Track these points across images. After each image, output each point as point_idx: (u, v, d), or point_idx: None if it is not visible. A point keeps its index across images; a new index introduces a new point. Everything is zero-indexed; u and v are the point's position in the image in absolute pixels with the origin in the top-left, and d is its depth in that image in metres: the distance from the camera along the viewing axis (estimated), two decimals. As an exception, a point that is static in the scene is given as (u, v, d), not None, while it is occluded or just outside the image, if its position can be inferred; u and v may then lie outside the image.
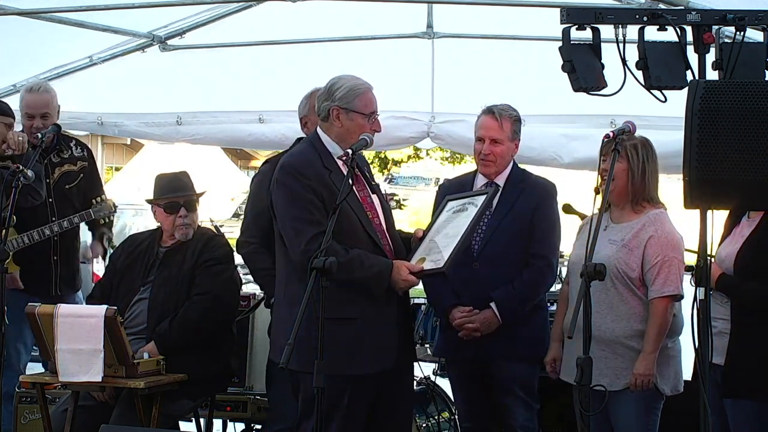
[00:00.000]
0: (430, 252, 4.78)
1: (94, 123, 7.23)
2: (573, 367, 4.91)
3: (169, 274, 5.59)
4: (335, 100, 4.72)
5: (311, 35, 6.89)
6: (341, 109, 4.72)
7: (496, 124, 5.27)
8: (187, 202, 5.68)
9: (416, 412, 5.99)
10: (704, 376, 4.03)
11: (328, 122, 4.75)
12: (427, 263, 4.73)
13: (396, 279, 4.67)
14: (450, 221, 4.89)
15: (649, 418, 4.88)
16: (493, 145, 5.28)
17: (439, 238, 4.82)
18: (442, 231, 4.85)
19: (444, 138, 6.80)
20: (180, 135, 7.26)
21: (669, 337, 4.88)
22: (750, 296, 4.71)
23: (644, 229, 4.86)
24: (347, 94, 4.73)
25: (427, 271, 4.72)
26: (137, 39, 6.99)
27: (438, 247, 4.77)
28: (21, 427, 6.02)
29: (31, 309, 5.25)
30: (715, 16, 4.20)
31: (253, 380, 6.13)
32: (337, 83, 4.74)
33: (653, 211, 4.92)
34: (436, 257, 4.73)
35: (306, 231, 4.58)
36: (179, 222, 5.64)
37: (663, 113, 4.87)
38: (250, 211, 5.58)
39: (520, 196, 5.31)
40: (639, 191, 4.89)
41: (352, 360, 4.63)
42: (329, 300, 4.22)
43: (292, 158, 4.77)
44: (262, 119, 7.05)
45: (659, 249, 4.82)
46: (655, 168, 4.93)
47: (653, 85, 4.24)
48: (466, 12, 6.57)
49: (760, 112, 3.85)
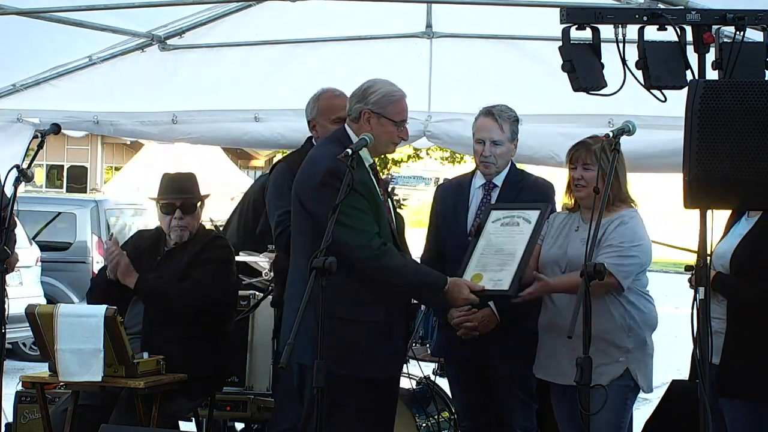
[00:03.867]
0: (485, 269, 4.74)
1: (90, 122, 7.22)
2: (549, 365, 4.95)
3: (168, 273, 5.60)
4: (369, 103, 4.74)
5: (310, 35, 6.88)
6: (373, 113, 4.74)
7: (497, 126, 5.29)
8: (184, 204, 5.67)
9: (416, 412, 5.99)
10: (704, 376, 4.02)
11: (358, 123, 4.77)
12: (486, 282, 4.70)
13: (455, 296, 4.68)
14: (501, 235, 4.84)
15: (623, 412, 4.88)
16: (493, 146, 5.30)
17: (493, 254, 4.78)
18: (494, 245, 4.81)
19: (440, 136, 6.80)
20: (176, 134, 7.25)
21: (645, 332, 4.89)
22: (747, 295, 4.71)
23: (613, 224, 4.87)
24: (381, 99, 4.75)
25: (489, 291, 4.70)
26: (136, 39, 6.99)
27: (495, 265, 4.73)
28: (21, 427, 6.03)
29: (31, 309, 5.26)
30: (715, 15, 4.19)
31: (253, 380, 6.14)
32: (372, 86, 4.77)
33: (626, 211, 4.93)
34: (495, 276, 4.70)
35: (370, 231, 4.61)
36: (173, 224, 5.65)
37: (660, 113, 4.87)
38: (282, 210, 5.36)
39: (518, 196, 5.32)
40: (616, 192, 4.88)
41: (371, 362, 4.64)
42: (354, 301, 4.30)
43: (334, 162, 4.59)
44: (258, 118, 7.04)
45: (621, 236, 4.83)
46: (624, 167, 4.94)
47: (653, 85, 4.24)
48: (465, 12, 6.57)
49: (760, 112, 3.85)
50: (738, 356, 4.64)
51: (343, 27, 6.82)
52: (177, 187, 5.72)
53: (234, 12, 6.71)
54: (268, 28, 6.81)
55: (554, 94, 5.96)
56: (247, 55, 7.10)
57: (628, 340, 4.87)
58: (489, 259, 4.79)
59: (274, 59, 7.03)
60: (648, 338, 4.94)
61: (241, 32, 6.92)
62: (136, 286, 5.51)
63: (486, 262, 4.78)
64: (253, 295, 6.22)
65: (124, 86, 7.19)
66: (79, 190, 36.60)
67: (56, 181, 41.84)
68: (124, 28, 6.74)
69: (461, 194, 5.45)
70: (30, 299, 9.02)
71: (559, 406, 5.02)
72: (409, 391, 6.19)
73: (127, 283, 5.52)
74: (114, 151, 41.28)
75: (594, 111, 6.18)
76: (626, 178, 4.98)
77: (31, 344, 11.90)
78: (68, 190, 38.80)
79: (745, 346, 4.64)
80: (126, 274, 5.52)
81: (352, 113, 4.81)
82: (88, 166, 41.21)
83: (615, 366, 4.83)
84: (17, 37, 6.49)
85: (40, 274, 12.06)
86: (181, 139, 7.44)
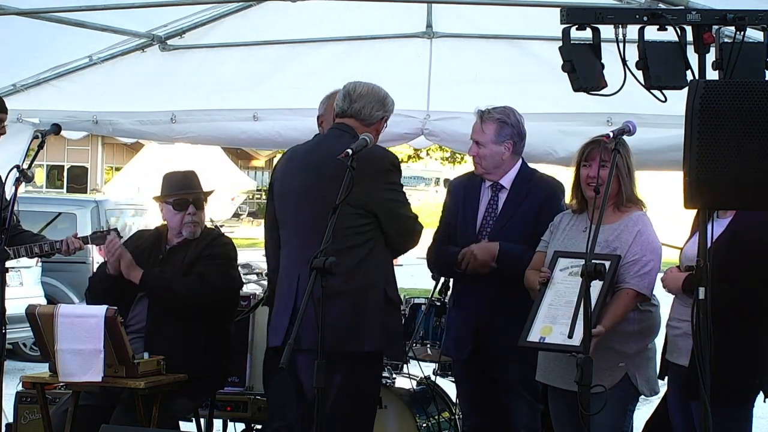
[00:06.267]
0: (555, 321, 4.69)
1: (89, 122, 7.22)
2: (550, 368, 4.94)
3: (170, 269, 5.60)
4: (388, 111, 4.97)
5: (310, 35, 6.88)
6: (386, 119, 4.97)
7: (479, 127, 5.40)
8: (196, 199, 5.71)
9: (416, 412, 5.99)
10: (704, 376, 4.02)
11: (371, 128, 4.87)
12: (556, 335, 4.64)
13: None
14: (571, 285, 4.72)
15: (623, 417, 4.87)
16: (477, 147, 5.39)
17: (563, 306, 4.70)
18: (563, 296, 4.75)
19: (438, 134, 6.79)
20: (174, 134, 7.24)
21: (647, 338, 4.88)
22: (719, 298, 4.60)
23: (628, 229, 4.86)
24: (392, 108, 5.00)
25: (560, 346, 4.64)
26: (137, 39, 6.99)
27: (565, 317, 4.63)
28: (21, 427, 6.04)
29: (32, 309, 5.26)
30: (715, 15, 4.19)
31: (253, 380, 6.14)
32: (387, 95, 4.98)
33: (637, 213, 4.92)
34: (566, 330, 4.60)
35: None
36: (188, 219, 5.67)
37: (659, 111, 4.86)
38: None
39: (527, 196, 5.36)
40: (628, 192, 4.88)
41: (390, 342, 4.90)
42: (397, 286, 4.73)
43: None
44: (257, 117, 7.04)
45: (640, 248, 4.81)
46: (633, 168, 4.94)
47: (653, 85, 4.23)
48: (465, 12, 6.57)
49: (760, 112, 3.84)
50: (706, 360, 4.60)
51: (343, 27, 6.82)
52: (187, 184, 5.75)
53: (234, 12, 6.72)
54: (268, 28, 6.81)
55: (554, 93, 5.96)
56: (246, 55, 7.10)
57: (629, 346, 4.84)
58: (558, 312, 4.71)
59: (274, 59, 7.03)
60: (650, 343, 4.91)
61: (241, 32, 6.92)
62: (141, 279, 5.51)
63: (555, 315, 4.71)
64: (253, 295, 6.22)
65: (124, 86, 7.19)
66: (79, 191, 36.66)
67: (56, 182, 41.89)
68: (125, 28, 6.74)
69: (471, 192, 5.50)
70: (30, 299, 9.02)
71: (556, 410, 5.00)
72: (409, 391, 6.19)
73: (132, 278, 5.51)
74: (114, 152, 41.31)
75: (593, 110, 6.18)
76: (634, 177, 4.95)
77: (31, 344, 11.90)
78: (68, 190, 38.86)
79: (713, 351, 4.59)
80: (131, 268, 5.53)
81: (370, 119, 4.90)
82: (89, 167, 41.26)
83: (614, 371, 4.80)
84: (17, 37, 6.49)
85: (40, 274, 12.07)
86: (179, 138, 7.44)
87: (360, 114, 4.88)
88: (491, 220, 5.39)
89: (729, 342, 4.42)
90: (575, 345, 4.50)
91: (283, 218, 4.96)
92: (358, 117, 4.89)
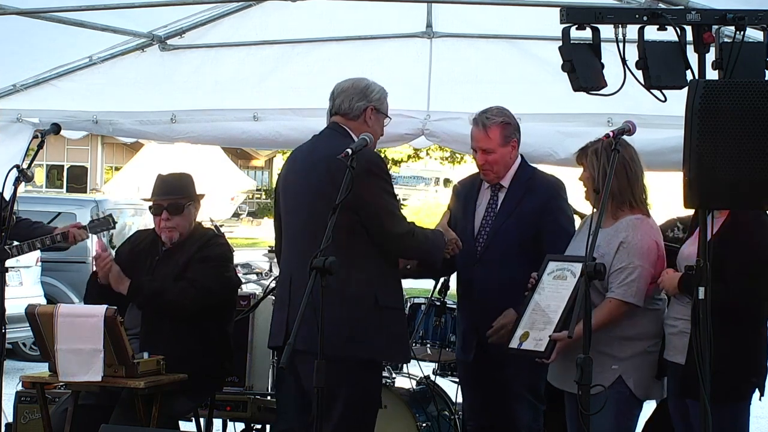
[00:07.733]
0: (533, 327, 4.76)
1: (89, 122, 7.22)
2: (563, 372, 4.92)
3: (165, 273, 5.60)
4: (372, 100, 4.86)
5: (310, 35, 6.88)
6: (374, 109, 4.85)
7: (483, 135, 5.32)
8: (172, 205, 5.63)
9: (416, 412, 5.99)
10: (704, 376, 4.02)
11: (357, 121, 4.83)
12: (531, 341, 4.73)
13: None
14: (551, 290, 4.81)
15: (624, 422, 4.86)
16: (485, 154, 5.35)
17: (541, 311, 4.77)
18: (544, 301, 4.81)
19: (438, 134, 6.80)
20: (174, 133, 7.24)
21: (646, 341, 4.87)
22: (715, 297, 4.59)
23: (616, 236, 4.84)
24: (381, 96, 4.90)
25: (529, 352, 4.74)
26: (137, 39, 6.98)
27: (540, 323, 4.74)
28: (21, 427, 6.04)
29: (31, 309, 5.25)
30: (715, 15, 4.19)
31: (253, 380, 6.14)
32: (370, 85, 4.88)
33: (629, 217, 4.89)
34: (538, 336, 4.71)
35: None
36: (162, 225, 5.64)
37: (659, 112, 4.86)
38: None
39: (525, 195, 5.33)
40: (625, 195, 4.86)
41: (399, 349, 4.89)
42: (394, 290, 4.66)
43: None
44: (257, 117, 7.04)
45: (626, 256, 4.80)
46: (636, 171, 4.89)
47: (653, 85, 4.23)
48: (465, 12, 6.56)
49: (759, 112, 3.85)
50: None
51: (343, 27, 6.82)
52: (164, 189, 5.70)
53: (234, 12, 6.71)
54: (268, 27, 6.81)
55: (554, 93, 5.96)
56: (246, 55, 7.10)
57: (622, 350, 4.82)
58: (537, 317, 4.79)
59: (274, 59, 7.03)
60: (650, 345, 4.87)
61: (241, 32, 6.92)
62: (128, 292, 5.49)
63: (534, 320, 4.79)
64: (252, 294, 6.22)
65: (124, 86, 7.18)
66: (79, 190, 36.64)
67: (56, 181, 41.88)
68: (124, 28, 6.74)
69: (472, 193, 5.50)
70: (30, 299, 9.02)
71: (570, 413, 4.99)
72: (409, 391, 6.19)
73: (120, 290, 5.50)
74: (114, 151, 41.31)
75: (593, 110, 6.18)
76: (634, 182, 4.90)
77: (31, 344, 11.91)
78: (68, 190, 38.84)
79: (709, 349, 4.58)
80: (118, 281, 5.51)
81: (352, 111, 4.84)
82: (89, 166, 41.24)
83: (607, 373, 4.76)
84: (17, 37, 6.48)
85: (40, 274, 12.07)
86: (179, 138, 7.43)
87: (341, 109, 4.87)
88: (491, 219, 5.38)
89: (726, 341, 4.42)
90: (539, 351, 4.64)
91: (283, 219, 4.97)
92: (340, 112, 4.87)
